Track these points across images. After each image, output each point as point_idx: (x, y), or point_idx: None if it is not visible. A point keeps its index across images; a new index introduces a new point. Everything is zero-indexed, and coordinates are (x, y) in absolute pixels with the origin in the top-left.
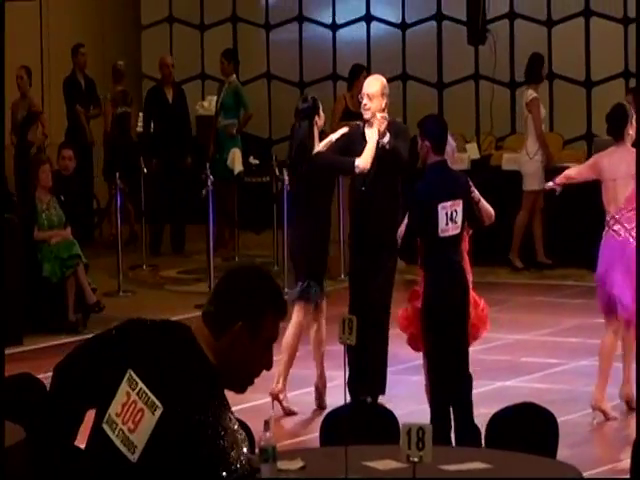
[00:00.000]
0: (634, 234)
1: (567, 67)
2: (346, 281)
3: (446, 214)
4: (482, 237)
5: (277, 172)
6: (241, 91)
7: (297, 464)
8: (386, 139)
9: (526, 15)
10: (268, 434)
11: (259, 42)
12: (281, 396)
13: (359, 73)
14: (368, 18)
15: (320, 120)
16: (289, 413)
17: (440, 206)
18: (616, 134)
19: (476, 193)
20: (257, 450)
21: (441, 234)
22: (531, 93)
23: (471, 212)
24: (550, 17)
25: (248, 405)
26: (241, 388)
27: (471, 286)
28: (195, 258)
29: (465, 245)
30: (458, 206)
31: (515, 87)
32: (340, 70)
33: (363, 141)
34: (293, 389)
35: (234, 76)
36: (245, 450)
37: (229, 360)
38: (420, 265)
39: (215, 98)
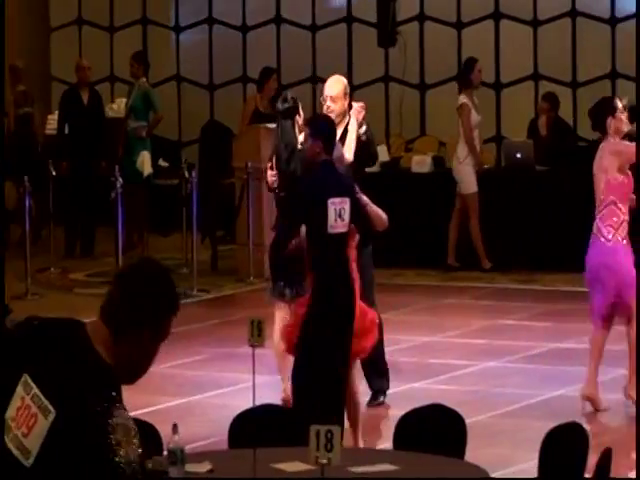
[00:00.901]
0: (618, 236)
1: None
2: (255, 283)
3: (335, 210)
4: (390, 239)
5: (186, 174)
6: (151, 93)
7: (205, 467)
8: (362, 130)
9: (436, 17)
10: (176, 437)
11: (169, 44)
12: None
13: (269, 75)
14: (278, 20)
15: (301, 119)
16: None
17: (330, 202)
18: (597, 127)
19: (362, 197)
20: (165, 453)
21: (330, 230)
22: (462, 99)
23: (358, 214)
24: (460, 19)
25: (156, 408)
26: (132, 381)
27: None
28: (104, 261)
29: (352, 252)
30: (346, 204)
31: (425, 89)
32: (250, 72)
33: None
34: (205, 391)
35: (144, 78)
36: (136, 447)
37: (127, 360)
38: (309, 268)
39: (125, 100)
